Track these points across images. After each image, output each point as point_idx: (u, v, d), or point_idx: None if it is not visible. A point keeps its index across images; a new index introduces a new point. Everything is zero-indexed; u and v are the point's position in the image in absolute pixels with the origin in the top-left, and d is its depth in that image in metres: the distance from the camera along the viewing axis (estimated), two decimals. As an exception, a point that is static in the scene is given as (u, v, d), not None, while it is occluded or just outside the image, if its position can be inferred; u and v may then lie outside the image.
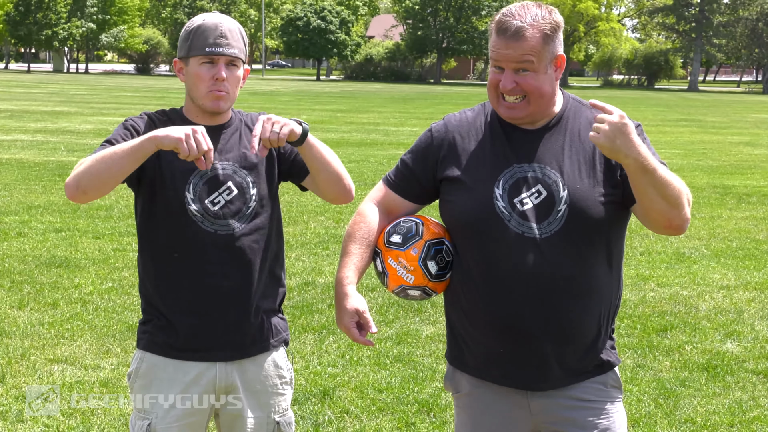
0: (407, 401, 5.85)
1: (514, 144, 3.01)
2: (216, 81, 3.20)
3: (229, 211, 3.24)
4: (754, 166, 20.20)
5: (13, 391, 5.82)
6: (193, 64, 3.23)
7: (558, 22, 2.96)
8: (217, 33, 3.19)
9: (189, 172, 3.21)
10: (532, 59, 2.90)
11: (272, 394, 3.40)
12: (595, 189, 2.93)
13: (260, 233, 3.30)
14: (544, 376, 3.01)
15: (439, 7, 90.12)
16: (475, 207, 2.96)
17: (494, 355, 3.03)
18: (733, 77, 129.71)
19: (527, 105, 2.96)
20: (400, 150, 21.47)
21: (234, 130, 3.34)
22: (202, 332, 3.26)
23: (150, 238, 3.31)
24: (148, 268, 3.32)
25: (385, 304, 7.95)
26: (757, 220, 13.15)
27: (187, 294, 3.25)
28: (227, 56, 3.19)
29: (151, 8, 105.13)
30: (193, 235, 3.21)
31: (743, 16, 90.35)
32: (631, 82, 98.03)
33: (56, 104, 35.61)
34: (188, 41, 3.23)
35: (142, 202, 3.32)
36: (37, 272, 8.81)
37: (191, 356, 3.28)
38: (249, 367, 3.34)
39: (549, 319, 2.93)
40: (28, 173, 15.70)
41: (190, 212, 3.20)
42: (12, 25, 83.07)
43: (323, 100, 46.08)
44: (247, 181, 3.27)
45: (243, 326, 3.29)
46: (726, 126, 34.20)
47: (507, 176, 2.97)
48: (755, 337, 7.38)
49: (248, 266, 3.27)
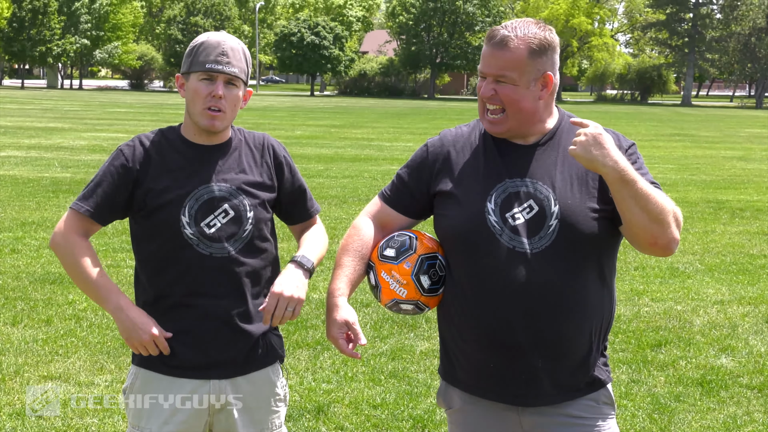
0: (402, 417, 5.84)
1: (507, 159, 3.02)
2: (213, 98, 3.20)
3: (224, 234, 3.23)
4: (748, 181, 20.24)
5: (6, 408, 5.80)
6: (192, 79, 3.23)
7: (550, 41, 2.97)
8: (218, 50, 3.20)
9: (185, 196, 3.22)
10: (513, 71, 2.93)
11: (266, 411, 3.40)
12: (586, 204, 2.94)
13: (256, 255, 3.30)
14: (535, 392, 3.01)
15: (433, 23, 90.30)
16: (467, 221, 2.97)
17: (485, 370, 3.04)
18: (726, 92, 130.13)
19: (506, 119, 2.98)
20: (394, 165, 21.50)
21: (233, 150, 3.33)
22: (197, 351, 3.26)
23: (144, 259, 3.31)
24: (143, 286, 3.33)
25: (380, 320, 7.95)
26: (751, 234, 13.17)
27: (182, 313, 3.25)
28: (226, 74, 3.20)
29: (145, 24, 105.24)
30: (188, 258, 3.21)
31: (736, 31, 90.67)
32: (624, 97, 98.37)
33: (50, 120, 35.58)
34: (191, 57, 3.25)
35: (135, 223, 3.32)
36: (31, 289, 8.79)
37: (185, 373, 3.28)
38: (243, 384, 3.34)
39: (539, 334, 2.93)
40: (22, 189, 15.67)
41: (186, 235, 3.20)
42: (6, 41, 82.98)
43: (317, 115, 46.12)
44: (245, 204, 3.26)
45: (237, 345, 3.29)
46: (719, 141, 34.28)
47: (499, 191, 2.98)
48: (749, 352, 7.39)
49: (243, 287, 3.27)
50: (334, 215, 13.77)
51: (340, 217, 13.64)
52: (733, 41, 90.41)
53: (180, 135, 3.33)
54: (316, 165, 21.06)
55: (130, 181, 3.24)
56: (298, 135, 30.85)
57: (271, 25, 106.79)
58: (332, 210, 14.32)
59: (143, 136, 3.33)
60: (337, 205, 14.87)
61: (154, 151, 3.28)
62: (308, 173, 18.97)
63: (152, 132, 3.37)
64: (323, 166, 20.80)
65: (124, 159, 3.26)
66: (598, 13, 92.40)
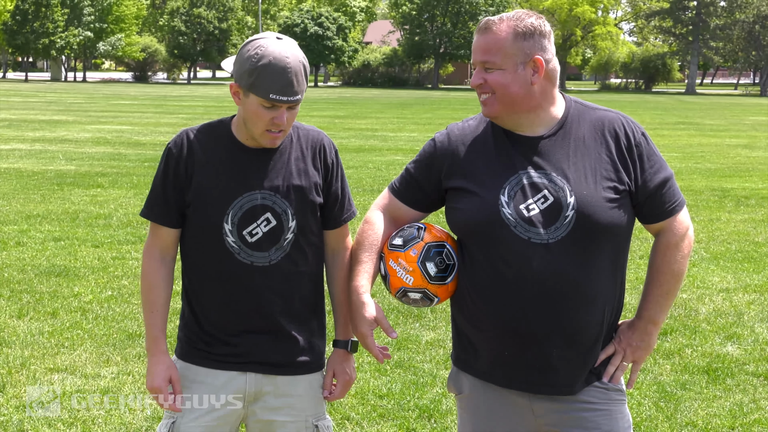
0: (408, 407, 5.85)
1: (518, 151, 3.03)
2: (275, 124, 3.10)
3: (266, 242, 3.19)
4: (752, 169, 20.21)
5: (13, 400, 5.81)
6: (253, 100, 3.08)
7: (537, 26, 2.98)
8: (285, 80, 3.03)
9: (228, 202, 3.17)
10: (496, 54, 2.95)
11: (307, 399, 3.37)
12: (601, 194, 2.95)
13: (297, 263, 3.25)
14: (548, 380, 3.03)
15: (436, 13, 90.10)
16: (481, 214, 2.98)
17: (499, 358, 3.06)
18: (730, 80, 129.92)
19: (495, 102, 3.00)
20: (398, 155, 21.49)
21: (282, 152, 3.25)
22: (237, 351, 3.26)
23: (189, 261, 3.31)
24: (187, 284, 3.33)
25: (386, 310, 7.95)
26: (756, 222, 13.16)
27: (225, 316, 3.24)
28: (291, 103, 3.09)
29: (149, 16, 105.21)
30: (229, 266, 3.19)
31: (740, 19, 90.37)
32: (628, 85, 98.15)
33: (54, 113, 35.59)
34: (252, 77, 3.05)
35: (184, 227, 3.30)
36: (37, 281, 8.81)
37: (223, 366, 3.27)
38: (281, 380, 3.32)
39: (554, 323, 2.95)
40: (27, 182, 15.69)
41: (228, 244, 3.17)
42: (9, 34, 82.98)
43: (321, 106, 46.07)
44: (287, 212, 3.20)
45: (281, 351, 3.28)
46: (724, 129, 34.21)
47: (513, 183, 2.99)
48: (755, 340, 7.38)
49: (283, 295, 3.24)
50: (338, 206, 13.75)
51: (344, 207, 13.62)
52: (737, 29, 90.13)
53: (230, 133, 3.25)
54: (321, 156, 20.99)
55: (183, 178, 3.21)
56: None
57: (274, 16, 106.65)
58: (337, 201, 14.30)
59: (190, 131, 3.26)
60: (342, 196, 14.83)
61: (200, 148, 3.21)
62: (312, 164, 18.93)
63: (200, 126, 3.29)
64: (327, 157, 20.75)
65: (175, 157, 3.22)
66: (601, 2, 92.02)
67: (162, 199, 3.24)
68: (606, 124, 3.04)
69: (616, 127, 3.04)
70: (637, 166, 3.01)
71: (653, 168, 3.03)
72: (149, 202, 3.28)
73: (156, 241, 3.29)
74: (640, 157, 3.02)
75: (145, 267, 3.30)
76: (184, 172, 3.20)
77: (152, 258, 3.29)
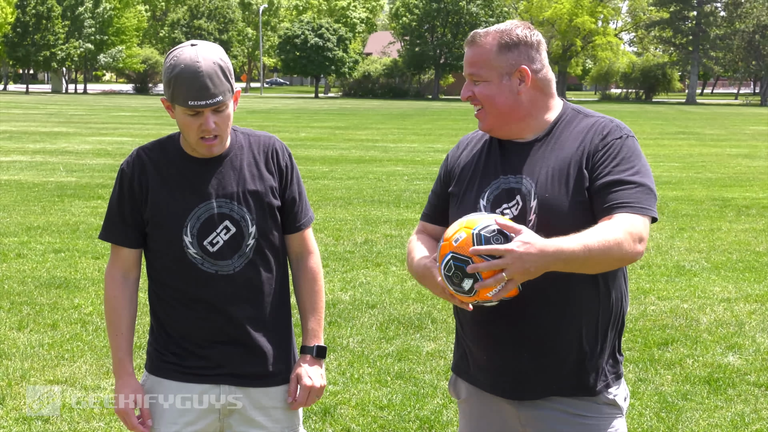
0: (408, 418, 5.84)
1: (506, 156, 3.04)
2: (204, 130, 3.08)
3: (228, 250, 3.20)
4: (753, 178, 20.21)
5: (13, 413, 5.80)
6: (178, 111, 3.08)
7: (523, 37, 2.95)
8: (197, 84, 2.99)
9: (185, 214, 3.18)
10: (482, 67, 2.96)
11: (282, 410, 3.36)
12: (565, 197, 2.89)
13: (262, 268, 3.26)
14: (523, 386, 3.01)
15: (437, 24, 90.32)
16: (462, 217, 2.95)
17: (480, 362, 3.09)
18: (730, 90, 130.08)
19: (486, 115, 3.01)
20: (398, 166, 21.51)
21: (233, 159, 3.25)
22: (209, 363, 3.26)
23: (155, 276, 3.31)
24: (155, 299, 3.33)
25: (386, 321, 7.94)
26: (757, 232, 13.14)
27: (195, 327, 3.24)
28: (211, 106, 3.03)
29: (149, 28, 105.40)
30: (194, 278, 3.20)
31: (740, 29, 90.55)
32: (629, 95, 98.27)
33: (55, 125, 35.65)
34: (170, 88, 3.05)
35: (146, 244, 3.31)
36: (37, 293, 8.80)
37: (195, 379, 3.27)
38: (254, 392, 3.32)
39: (522, 329, 2.94)
40: (27, 194, 15.70)
41: (190, 255, 3.18)
42: (10, 47, 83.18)
43: (321, 117, 46.12)
44: (246, 218, 3.21)
45: (251, 360, 3.28)
46: (724, 138, 34.23)
47: (493, 188, 3.00)
48: (756, 350, 7.37)
49: (250, 301, 3.24)
50: (339, 217, 13.77)
51: (345, 218, 13.63)
52: (737, 39, 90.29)
53: (179, 147, 3.25)
54: (321, 167, 21.06)
55: (139, 196, 3.22)
56: (302, 137, 30.86)
57: (274, 28, 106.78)
58: (337, 211, 14.32)
59: (141, 150, 3.28)
60: (342, 207, 14.87)
61: (152, 166, 3.23)
62: (313, 175, 18.98)
63: (151, 144, 3.31)
64: (328, 168, 20.81)
65: (128, 177, 3.23)
66: (601, 12, 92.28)
67: (119, 219, 3.26)
68: (593, 127, 2.97)
69: (599, 129, 2.95)
70: (600, 162, 2.88)
71: (617, 166, 2.86)
72: (107, 224, 3.30)
73: (117, 262, 3.30)
74: (607, 152, 2.88)
75: (108, 290, 3.31)
76: (139, 191, 3.22)
77: (114, 281, 3.31)
